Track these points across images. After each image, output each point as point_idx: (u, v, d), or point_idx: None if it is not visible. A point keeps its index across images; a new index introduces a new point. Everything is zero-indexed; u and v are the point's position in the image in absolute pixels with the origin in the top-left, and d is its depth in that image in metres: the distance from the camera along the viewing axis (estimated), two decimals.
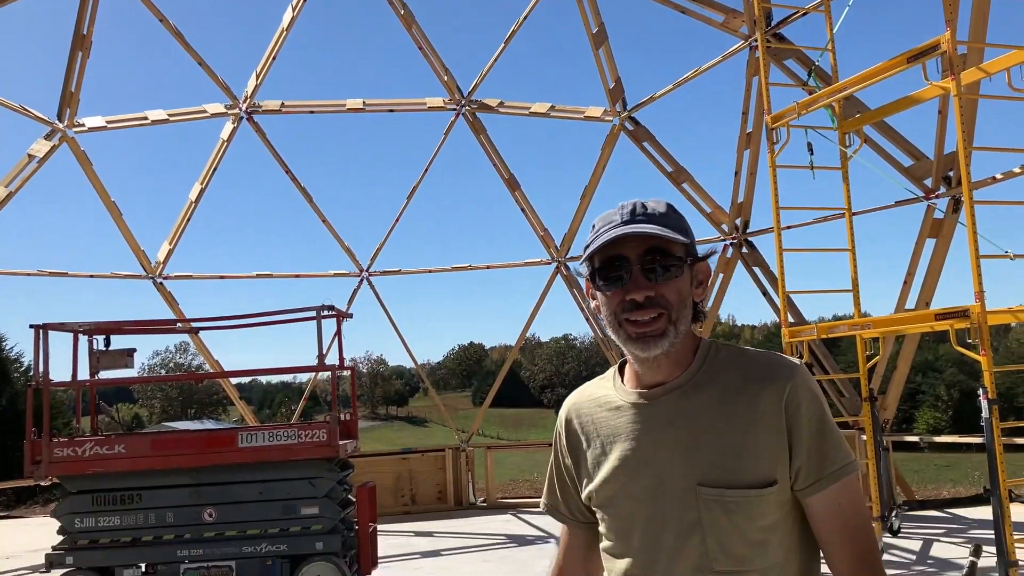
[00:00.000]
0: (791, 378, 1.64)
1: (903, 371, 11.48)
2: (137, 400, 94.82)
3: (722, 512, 1.59)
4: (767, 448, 1.61)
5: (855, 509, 1.64)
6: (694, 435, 1.64)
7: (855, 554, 1.62)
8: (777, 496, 1.61)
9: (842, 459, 1.63)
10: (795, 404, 1.62)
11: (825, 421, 1.64)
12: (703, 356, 1.71)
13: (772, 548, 1.61)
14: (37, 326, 7.87)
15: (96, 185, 12.55)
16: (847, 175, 8.79)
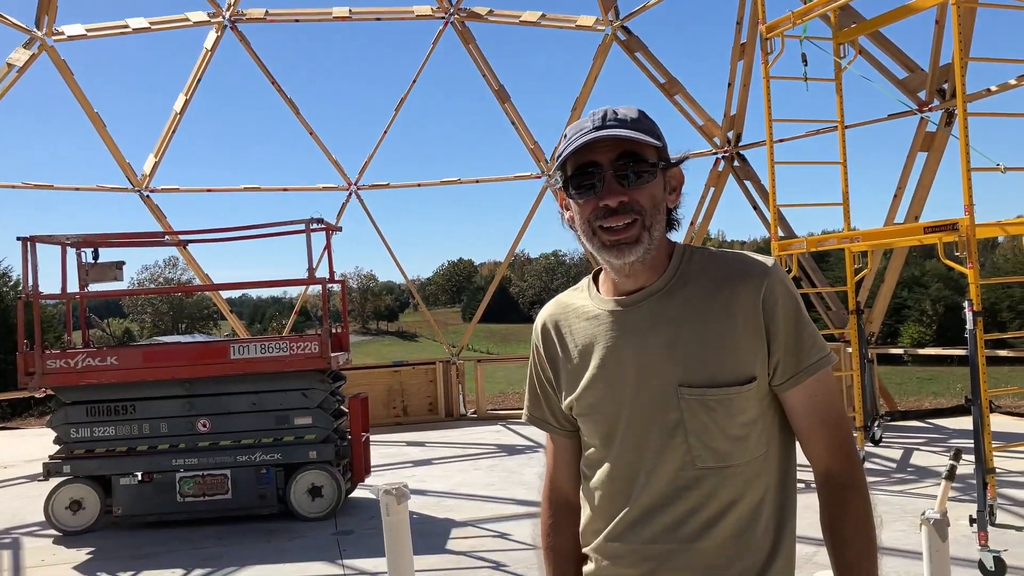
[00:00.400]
0: (767, 275, 1.66)
1: (890, 285, 11.58)
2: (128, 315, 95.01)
3: (703, 411, 1.62)
4: (745, 345, 1.63)
5: (830, 400, 1.68)
6: (673, 337, 1.66)
7: (831, 444, 1.67)
8: (756, 392, 1.64)
9: (817, 353, 1.66)
10: (772, 300, 1.64)
11: (801, 316, 1.66)
12: (678, 260, 1.73)
13: (752, 442, 1.65)
14: (24, 238, 7.82)
15: (78, 96, 12.31)
16: (841, 87, 8.69)
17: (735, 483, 1.64)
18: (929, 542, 2.75)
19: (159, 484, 7.58)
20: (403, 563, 3.09)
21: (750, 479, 1.65)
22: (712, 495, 1.64)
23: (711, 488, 1.64)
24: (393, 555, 3.12)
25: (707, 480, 1.64)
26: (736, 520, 1.64)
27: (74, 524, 7.52)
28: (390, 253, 14.48)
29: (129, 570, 6.40)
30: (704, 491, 1.64)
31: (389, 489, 3.33)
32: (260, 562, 6.45)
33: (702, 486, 1.64)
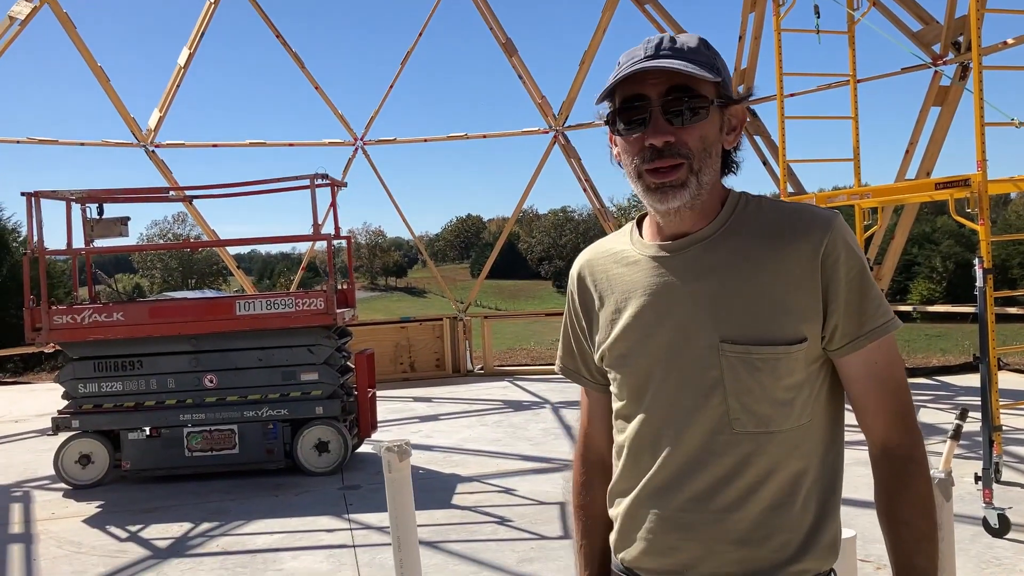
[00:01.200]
0: (828, 230, 1.50)
1: (900, 242, 11.49)
2: (138, 270, 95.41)
3: (746, 370, 1.48)
4: (798, 303, 1.49)
5: (892, 369, 1.54)
6: (718, 289, 1.51)
7: (890, 415, 1.54)
8: (806, 354, 1.50)
9: (882, 316, 1.52)
10: (833, 258, 1.49)
11: (865, 276, 1.52)
12: (732, 207, 1.57)
13: (797, 408, 1.51)
14: (29, 194, 7.79)
15: (81, 49, 12.19)
16: (853, 40, 8.53)
17: (774, 452, 1.51)
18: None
19: (167, 439, 7.63)
20: (406, 519, 3.08)
21: (791, 448, 1.51)
22: (748, 463, 1.50)
23: (748, 455, 1.50)
24: (395, 512, 3.11)
25: (743, 446, 1.50)
26: (774, 492, 1.51)
27: (83, 478, 7.59)
28: (396, 209, 14.41)
29: (138, 523, 6.46)
30: (740, 458, 1.51)
31: (391, 446, 3.33)
32: (266, 516, 6.50)
33: (737, 452, 1.51)
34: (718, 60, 1.55)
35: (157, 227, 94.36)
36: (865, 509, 5.87)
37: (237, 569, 5.40)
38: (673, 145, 1.50)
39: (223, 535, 6.11)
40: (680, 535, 1.54)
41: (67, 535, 6.27)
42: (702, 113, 1.50)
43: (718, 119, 1.54)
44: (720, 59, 1.56)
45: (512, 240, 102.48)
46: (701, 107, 1.50)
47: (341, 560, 5.46)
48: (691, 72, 1.47)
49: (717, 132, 1.54)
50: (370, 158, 14.00)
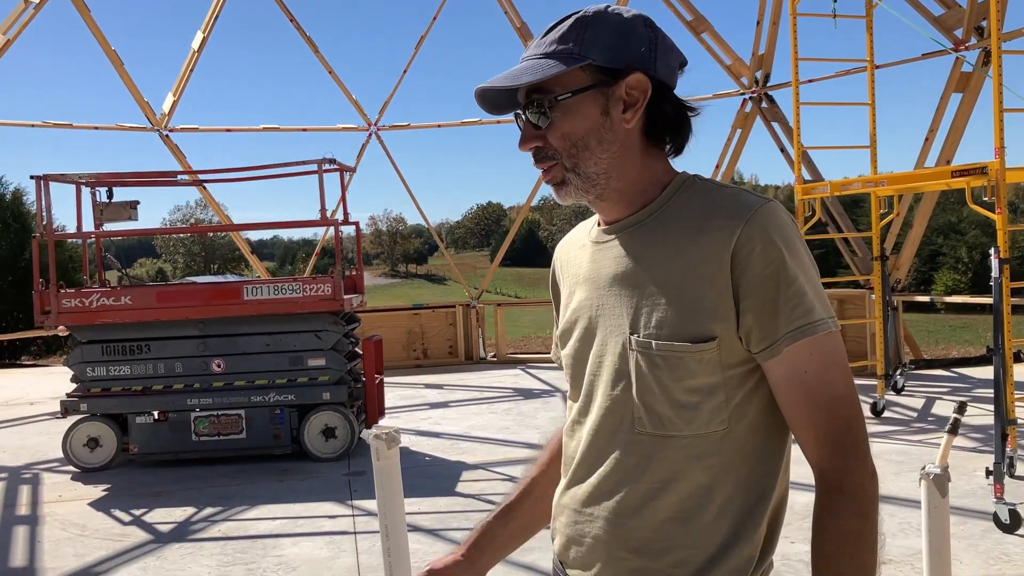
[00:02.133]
0: (744, 220, 1.34)
1: (918, 231, 11.30)
2: (160, 255, 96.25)
3: (648, 366, 1.38)
4: (707, 300, 1.35)
5: (824, 378, 1.33)
6: (635, 278, 1.43)
7: (822, 432, 1.34)
8: (719, 356, 1.35)
9: (804, 315, 1.32)
10: (746, 250, 1.33)
11: (784, 272, 1.32)
12: (670, 193, 1.45)
13: (705, 414, 1.37)
14: (38, 177, 7.80)
15: (95, 32, 12.20)
16: (871, 24, 8.36)
17: (674, 458, 1.39)
18: (928, 497, 2.64)
19: (174, 423, 7.64)
20: (394, 508, 2.97)
21: (695, 458, 1.38)
22: (647, 467, 1.40)
23: (647, 458, 1.40)
24: (384, 500, 3.00)
25: (644, 447, 1.40)
26: (675, 502, 1.39)
27: (91, 461, 7.62)
28: (410, 195, 14.37)
29: (142, 507, 6.47)
30: (639, 460, 1.41)
31: (379, 433, 3.24)
32: (270, 501, 6.49)
33: (638, 454, 1.41)
34: (593, 37, 1.41)
35: (180, 212, 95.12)
36: None
37: (236, 555, 5.38)
38: (542, 149, 1.45)
39: (225, 520, 6.10)
40: (581, 528, 1.49)
41: (72, 517, 6.29)
42: (551, 112, 1.41)
43: (595, 104, 1.41)
44: (602, 33, 1.41)
45: (532, 228, 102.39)
46: (550, 106, 1.41)
47: (341, 547, 5.44)
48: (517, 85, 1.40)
49: (596, 118, 1.42)
50: (384, 143, 13.97)
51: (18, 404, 11.53)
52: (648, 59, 1.41)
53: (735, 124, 12.63)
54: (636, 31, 1.42)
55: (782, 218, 1.37)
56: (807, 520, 1.39)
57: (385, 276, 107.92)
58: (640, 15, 1.45)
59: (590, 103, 1.41)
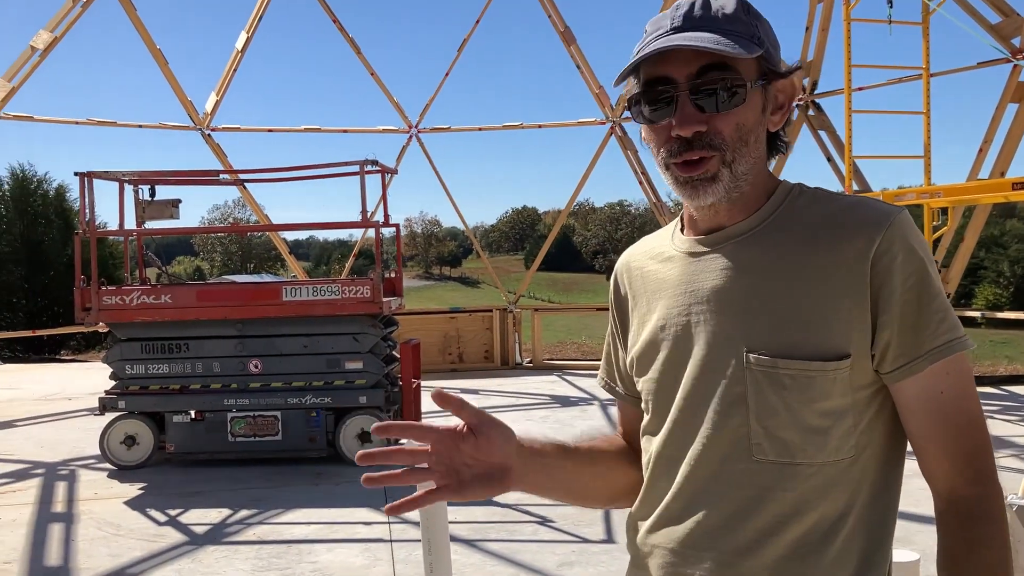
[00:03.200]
0: (884, 227, 1.23)
1: (969, 244, 11.02)
2: (198, 253, 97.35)
3: (772, 388, 1.25)
4: (841, 313, 1.23)
5: (961, 400, 1.23)
6: (751, 291, 1.29)
7: (958, 458, 1.23)
8: (850, 376, 1.24)
9: (947, 333, 1.23)
10: (887, 261, 1.22)
11: (927, 284, 1.23)
12: (779, 199, 1.33)
13: (835, 440, 1.25)
14: (82, 174, 7.83)
15: (141, 32, 12.29)
16: (927, 31, 8.15)
17: (801, 488, 1.26)
18: (1012, 531, 2.48)
19: (211, 423, 7.61)
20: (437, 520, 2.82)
21: (825, 487, 1.26)
22: (768, 499, 1.27)
23: (768, 489, 1.27)
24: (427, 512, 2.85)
25: (764, 477, 1.27)
26: (800, 536, 1.26)
27: (128, 459, 7.61)
28: (449, 198, 14.30)
29: (177, 507, 6.43)
30: (759, 492, 1.27)
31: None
32: (304, 505, 6.42)
33: (756, 485, 1.27)
34: (760, 27, 1.30)
35: (219, 211, 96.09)
36: (925, 524, 5.57)
37: (271, 559, 5.31)
38: (704, 135, 1.27)
39: (260, 523, 6.04)
40: (691, 575, 1.32)
41: (108, 516, 6.27)
42: (739, 96, 1.27)
43: (759, 99, 1.30)
44: (764, 24, 1.31)
45: (567, 232, 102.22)
46: (738, 89, 1.26)
47: (377, 555, 5.34)
48: (724, 51, 1.23)
49: (758, 115, 1.30)
50: (424, 146, 13.91)
51: (56, 399, 11.61)
52: (778, 63, 1.33)
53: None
54: (771, 32, 1.34)
55: (916, 229, 1.27)
56: None
57: (419, 278, 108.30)
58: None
59: (759, 97, 1.30)
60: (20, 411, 10.74)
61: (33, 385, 13.08)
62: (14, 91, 11.46)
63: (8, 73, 11.46)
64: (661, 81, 1.29)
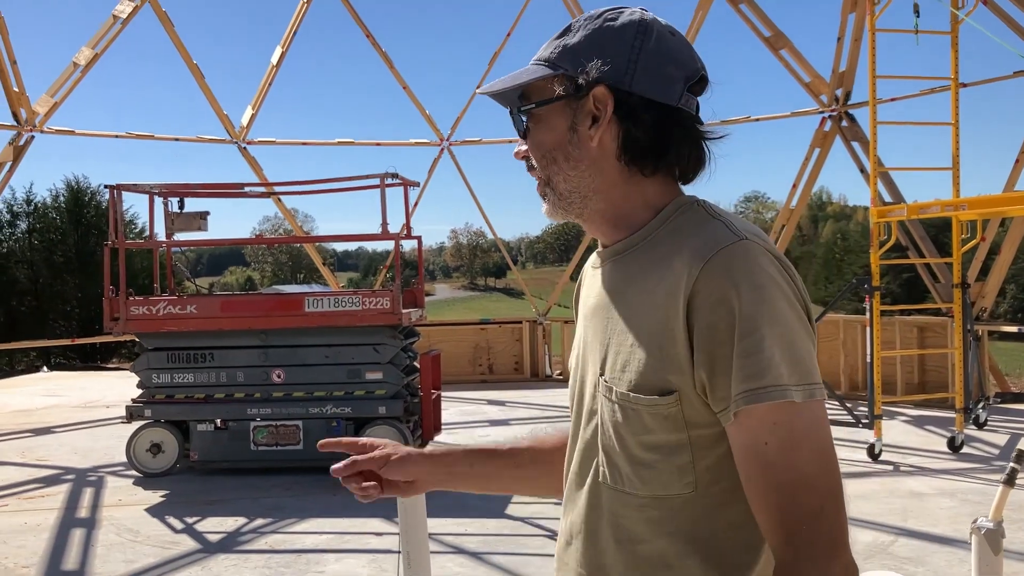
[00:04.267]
0: (706, 259, 1.16)
1: (1006, 257, 10.74)
2: (250, 264, 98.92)
3: (611, 414, 1.25)
4: (666, 347, 1.18)
5: (788, 455, 1.11)
6: (609, 313, 1.30)
7: (774, 518, 1.12)
8: (680, 412, 1.19)
9: (757, 376, 1.11)
10: (702, 296, 1.15)
11: (744, 322, 1.13)
12: (662, 219, 1.29)
13: (664, 475, 1.21)
14: (112, 186, 8.02)
15: (179, 47, 12.57)
16: (956, 41, 7.99)
17: (634, 517, 1.24)
18: (979, 554, 2.42)
19: (234, 432, 7.73)
20: (417, 535, 2.89)
21: (657, 520, 1.23)
22: (609, 522, 1.27)
23: (610, 513, 1.27)
24: (406, 526, 2.92)
25: (606, 501, 1.28)
26: (636, 566, 1.25)
27: (154, 466, 7.76)
28: (479, 209, 14.43)
29: (195, 515, 6.54)
30: (602, 514, 1.28)
31: None
32: (320, 515, 6.49)
33: (601, 507, 1.28)
34: (570, 40, 1.30)
35: (269, 222, 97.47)
36: (943, 545, 5.46)
37: (280, 568, 5.38)
38: (528, 159, 1.36)
39: (274, 532, 6.12)
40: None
41: (128, 523, 6.40)
42: (523, 123, 1.33)
43: (563, 117, 1.29)
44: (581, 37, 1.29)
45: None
46: (524, 113, 1.32)
47: (382, 566, 5.38)
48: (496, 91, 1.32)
49: (561, 133, 1.30)
50: (455, 158, 14.00)
51: (95, 407, 11.89)
52: (623, 71, 1.26)
53: (813, 143, 12.26)
54: (617, 39, 1.27)
55: (754, 260, 1.16)
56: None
57: (464, 289, 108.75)
58: (638, 21, 1.28)
59: (558, 115, 1.30)
60: (59, 417, 11.02)
61: (75, 392, 13.41)
62: (57, 106, 11.80)
63: (51, 89, 11.81)
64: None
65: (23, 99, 11.48)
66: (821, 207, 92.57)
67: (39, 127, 11.75)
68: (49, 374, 17.48)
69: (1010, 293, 43.71)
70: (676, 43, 1.29)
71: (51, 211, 28.51)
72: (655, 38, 1.28)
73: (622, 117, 1.27)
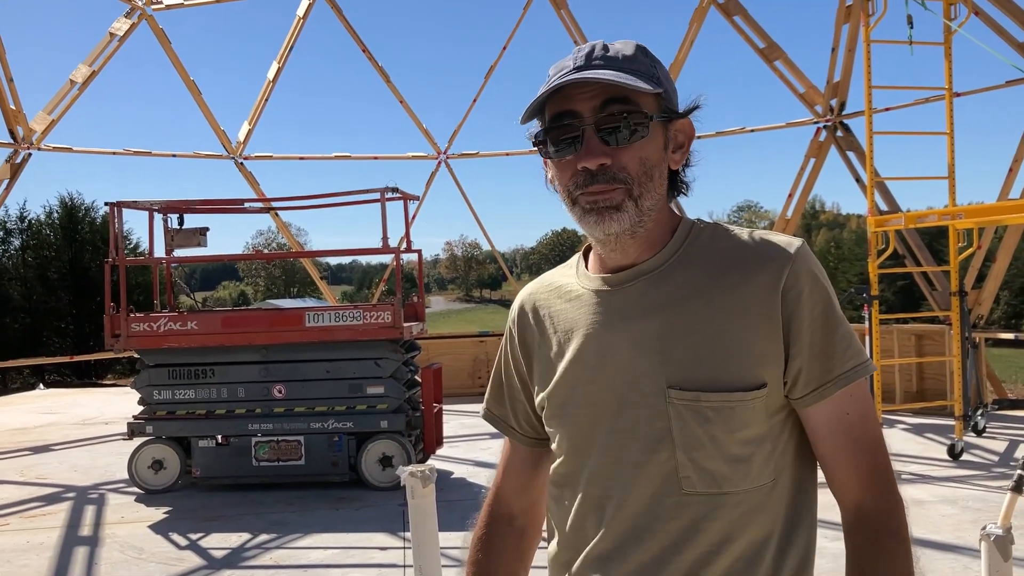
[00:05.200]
0: (790, 260, 1.31)
1: (1002, 265, 10.80)
2: (243, 278, 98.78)
3: (696, 421, 1.28)
4: (755, 344, 1.29)
5: (865, 421, 1.32)
6: (664, 328, 1.32)
7: (866, 474, 1.31)
8: (766, 403, 1.29)
9: (853, 358, 1.31)
10: (795, 291, 1.29)
11: (832, 312, 1.31)
12: (683, 236, 1.37)
13: (757, 466, 1.30)
14: (112, 203, 8.04)
15: (176, 64, 12.61)
16: (950, 51, 8.06)
17: (731, 516, 1.30)
18: (989, 561, 2.45)
19: (236, 447, 7.72)
20: (428, 547, 2.93)
21: (750, 513, 1.31)
22: (700, 529, 1.30)
23: (699, 520, 1.30)
24: (418, 539, 2.96)
25: (695, 509, 1.30)
26: (731, 563, 1.30)
27: (156, 483, 7.74)
28: (478, 223, 14.44)
29: (199, 531, 6.53)
30: (690, 523, 1.30)
31: (414, 471, 3.18)
32: (324, 530, 6.48)
33: (687, 517, 1.30)
34: (658, 69, 1.36)
35: (262, 237, 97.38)
36: (946, 553, 5.47)
37: None
38: (609, 168, 1.30)
39: (278, 548, 6.11)
40: None
41: (131, 540, 6.38)
42: (641, 130, 1.31)
43: (661, 136, 1.35)
44: (661, 68, 1.37)
45: None
46: (640, 123, 1.30)
47: None
48: (627, 84, 1.27)
49: (660, 151, 1.35)
50: (453, 172, 14.06)
51: (94, 423, 11.86)
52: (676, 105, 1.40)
53: (808, 153, 12.33)
54: (666, 73, 1.40)
55: (815, 259, 1.34)
56: None
57: (460, 301, 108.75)
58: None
59: (660, 134, 1.36)
60: (58, 435, 10.99)
61: (73, 409, 13.38)
62: (54, 123, 11.82)
63: (48, 106, 11.83)
64: (566, 116, 1.32)
65: (20, 117, 11.50)
66: (814, 215, 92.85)
67: (36, 145, 11.77)
68: (45, 391, 17.45)
69: (1004, 300, 43.85)
70: None
71: (45, 228, 28.46)
72: None
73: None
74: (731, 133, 13.63)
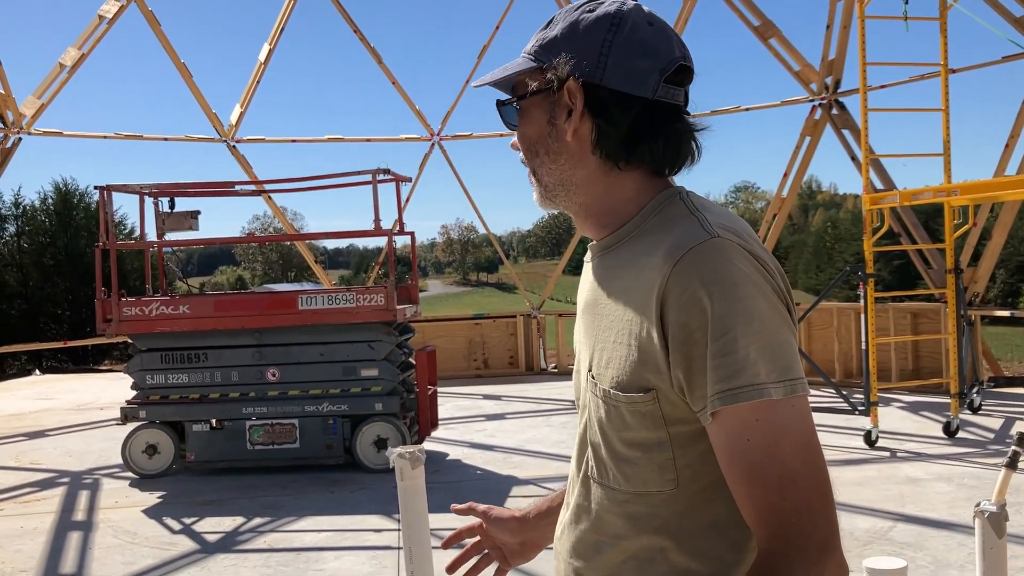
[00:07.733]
0: (676, 260, 1.15)
1: (998, 242, 10.77)
2: (240, 263, 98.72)
3: (597, 411, 1.26)
4: (641, 344, 1.18)
5: (773, 453, 1.10)
6: (595, 309, 1.31)
7: (763, 512, 1.10)
8: (659, 409, 1.18)
9: (733, 376, 1.10)
10: (673, 296, 1.14)
11: (716, 322, 1.11)
12: (647, 214, 1.28)
13: (644, 472, 1.21)
14: (102, 187, 7.98)
15: (166, 46, 12.50)
16: (945, 27, 7.99)
17: (619, 513, 1.26)
18: (983, 537, 2.43)
19: (230, 431, 7.70)
20: (418, 530, 2.90)
21: (640, 517, 1.23)
22: (598, 517, 1.29)
23: (600, 511, 1.28)
24: (408, 521, 2.93)
25: (595, 496, 1.29)
26: (621, 561, 1.26)
27: (150, 468, 7.73)
28: (471, 203, 14.37)
29: (193, 516, 6.52)
30: (592, 508, 1.30)
31: (403, 452, 3.16)
32: (318, 513, 6.47)
33: (591, 500, 1.30)
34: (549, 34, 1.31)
35: (259, 221, 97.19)
36: (941, 530, 5.47)
37: (279, 567, 5.36)
38: (516, 147, 1.38)
39: (272, 531, 6.10)
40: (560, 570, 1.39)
41: (125, 524, 6.37)
42: (512, 113, 1.35)
43: (541, 111, 1.31)
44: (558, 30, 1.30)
45: None
46: (508, 108, 1.36)
47: (383, 563, 5.37)
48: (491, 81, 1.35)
49: (542, 126, 1.31)
50: (447, 153, 13.99)
51: (89, 409, 11.84)
52: (595, 64, 1.25)
53: (804, 131, 12.26)
54: (591, 32, 1.27)
55: (726, 258, 1.14)
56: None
57: (456, 284, 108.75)
58: (613, 12, 1.27)
59: (538, 109, 1.32)
60: (53, 420, 10.96)
61: (69, 395, 13.35)
62: (43, 107, 11.73)
63: (38, 90, 11.73)
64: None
65: (9, 101, 11.40)
66: (811, 195, 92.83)
67: (26, 129, 11.68)
68: (41, 377, 17.43)
69: (1000, 278, 43.88)
70: (652, 33, 1.27)
71: (39, 213, 28.36)
72: (629, 29, 1.26)
73: (594, 111, 1.26)
74: (726, 112, 13.55)
